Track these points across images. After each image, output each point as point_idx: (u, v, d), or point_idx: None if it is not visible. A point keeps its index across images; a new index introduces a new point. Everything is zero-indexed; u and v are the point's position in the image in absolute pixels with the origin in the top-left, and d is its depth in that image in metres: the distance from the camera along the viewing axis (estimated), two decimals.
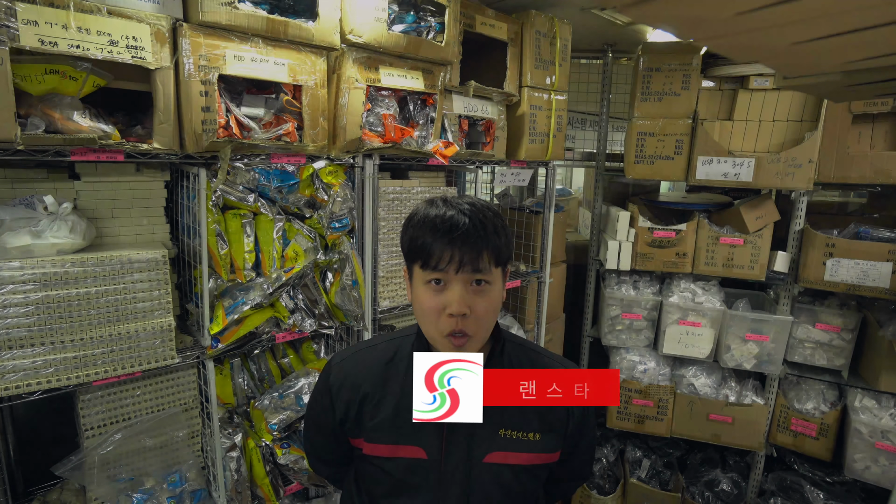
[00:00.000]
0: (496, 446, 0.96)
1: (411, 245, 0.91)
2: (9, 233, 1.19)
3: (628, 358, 2.66)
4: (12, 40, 1.06)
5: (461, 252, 0.86)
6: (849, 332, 2.32)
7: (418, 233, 0.89)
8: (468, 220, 0.88)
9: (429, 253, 0.87)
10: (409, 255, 0.92)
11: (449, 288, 0.88)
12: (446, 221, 0.88)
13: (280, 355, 1.89)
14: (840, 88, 1.15)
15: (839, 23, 0.60)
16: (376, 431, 0.97)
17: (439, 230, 0.87)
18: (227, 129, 1.41)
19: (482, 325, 0.91)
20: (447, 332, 0.89)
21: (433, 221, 0.89)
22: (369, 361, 1.02)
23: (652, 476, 2.75)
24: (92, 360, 1.29)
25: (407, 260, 0.94)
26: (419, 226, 0.90)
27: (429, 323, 0.91)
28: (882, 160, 2.18)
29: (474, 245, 0.87)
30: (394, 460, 0.96)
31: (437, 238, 0.87)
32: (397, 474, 0.96)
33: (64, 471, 1.36)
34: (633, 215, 2.50)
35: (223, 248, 1.47)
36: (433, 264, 0.87)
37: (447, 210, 0.90)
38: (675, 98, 2.37)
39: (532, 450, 0.98)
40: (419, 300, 0.91)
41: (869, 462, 2.23)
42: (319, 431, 1.08)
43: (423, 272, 0.89)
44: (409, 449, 0.95)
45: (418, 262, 0.90)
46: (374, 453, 0.97)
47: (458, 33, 1.78)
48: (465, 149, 1.99)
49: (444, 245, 0.86)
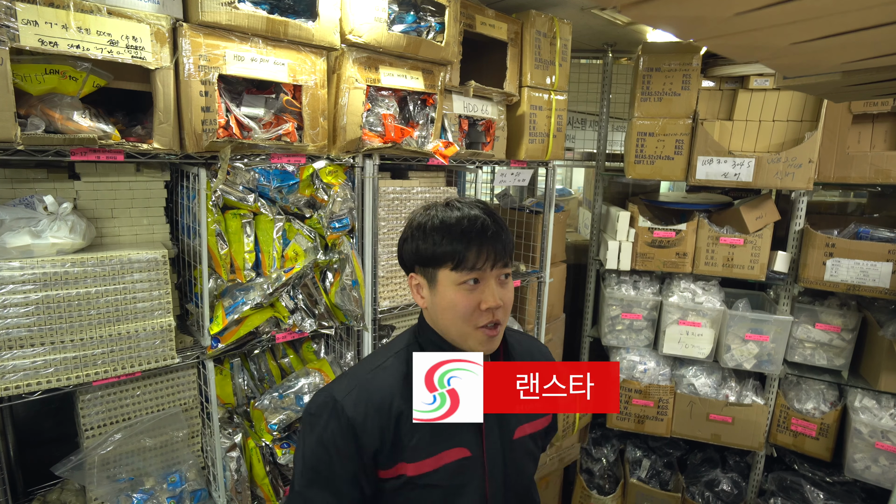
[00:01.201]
0: (520, 420, 1.02)
1: (437, 250, 0.91)
2: (9, 233, 1.19)
3: (628, 358, 2.66)
4: (12, 40, 1.06)
5: (494, 250, 0.90)
6: (849, 332, 2.32)
7: (443, 237, 0.90)
8: (489, 218, 0.92)
9: (463, 256, 0.89)
10: (433, 260, 0.92)
11: (485, 284, 0.91)
12: (475, 222, 0.90)
13: (280, 355, 1.89)
14: (840, 88, 1.15)
15: (839, 23, 0.60)
16: (419, 448, 0.93)
17: (471, 231, 0.89)
18: (227, 129, 1.41)
19: (507, 313, 0.96)
20: (482, 325, 0.92)
21: (460, 223, 0.90)
22: (388, 380, 0.95)
23: (652, 476, 2.75)
24: (92, 360, 1.29)
25: (427, 265, 0.93)
26: (442, 230, 0.91)
27: (463, 321, 0.92)
28: (882, 160, 2.18)
29: (502, 242, 0.91)
30: (441, 469, 0.94)
31: (472, 240, 0.89)
32: (445, 481, 0.94)
33: (64, 471, 1.36)
34: (633, 215, 2.50)
35: (223, 248, 1.47)
36: (470, 265, 0.89)
37: (469, 211, 0.92)
38: (675, 98, 2.37)
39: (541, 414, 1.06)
40: (451, 302, 0.91)
41: (869, 462, 2.23)
42: (329, 484, 0.92)
43: (455, 274, 0.90)
44: (454, 452, 0.95)
45: (447, 266, 0.90)
46: (421, 471, 0.93)
47: (458, 33, 1.78)
48: (465, 149, 1.99)
49: (479, 246, 0.89)
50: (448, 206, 0.94)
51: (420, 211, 0.96)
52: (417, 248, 0.94)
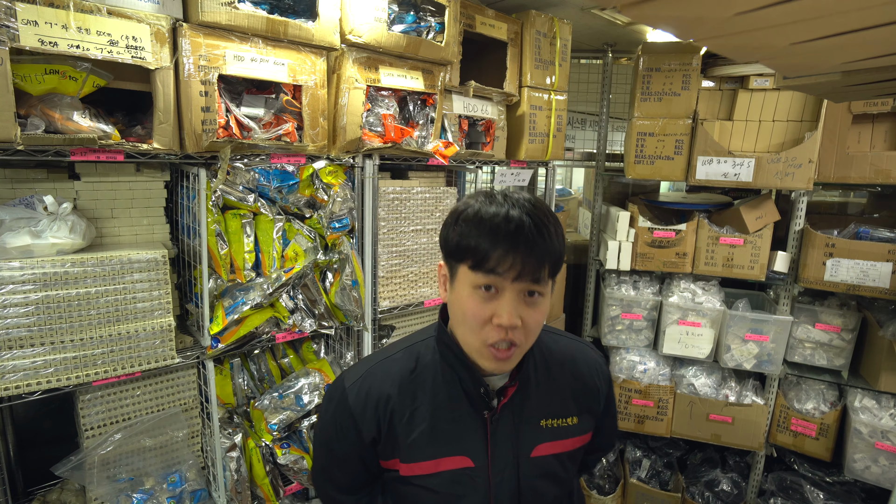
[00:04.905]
0: (541, 438, 0.92)
1: (461, 242, 0.80)
2: (9, 233, 1.19)
3: (628, 358, 2.66)
4: (12, 40, 1.06)
5: (524, 260, 0.77)
6: (849, 332, 2.32)
7: (472, 230, 0.79)
8: (532, 223, 0.77)
9: (485, 255, 0.77)
10: (456, 252, 0.82)
11: (502, 296, 0.79)
12: (511, 222, 0.77)
13: (280, 355, 1.89)
14: (840, 88, 1.15)
15: (839, 23, 0.60)
16: (414, 449, 0.89)
17: (501, 231, 0.77)
18: (227, 129, 1.41)
19: (531, 337, 0.83)
20: (491, 342, 0.81)
21: (493, 219, 0.78)
22: (391, 374, 0.92)
23: (652, 476, 2.75)
24: (92, 360, 1.29)
25: (451, 257, 0.84)
26: (474, 222, 0.79)
27: (470, 331, 0.83)
28: (882, 160, 2.18)
29: (538, 253, 0.77)
30: (438, 475, 0.89)
31: (498, 240, 0.77)
32: (444, 489, 0.89)
33: (64, 471, 1.36)
34: (633, 215, 2.49)
35: (223, 248, 1.47)
36: (488, 268, 0.78)
37: (510, 209, 0.79)
38: (675, 98, 2.37)
39: (572, 434, 0.95)
40: (462, 304, 0.82)
41: (869, 462, 2.23)
42: (343, 465, 0.95)
43: (472, 274, 0.80)
44: (454, 460, 0.89)
45: (467, 263, 0.80)
46: (415, 472, 0.89)
47: (458, 33, 1.78)
48: (465, 149, 1.99)
49: (505, 249, 0.77)
50: (491, 197, 0.82)
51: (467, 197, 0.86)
52: (447, 236, 0.85)
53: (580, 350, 1.04)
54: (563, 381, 0.98)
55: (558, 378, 0.98)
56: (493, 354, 0.82)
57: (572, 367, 1.00)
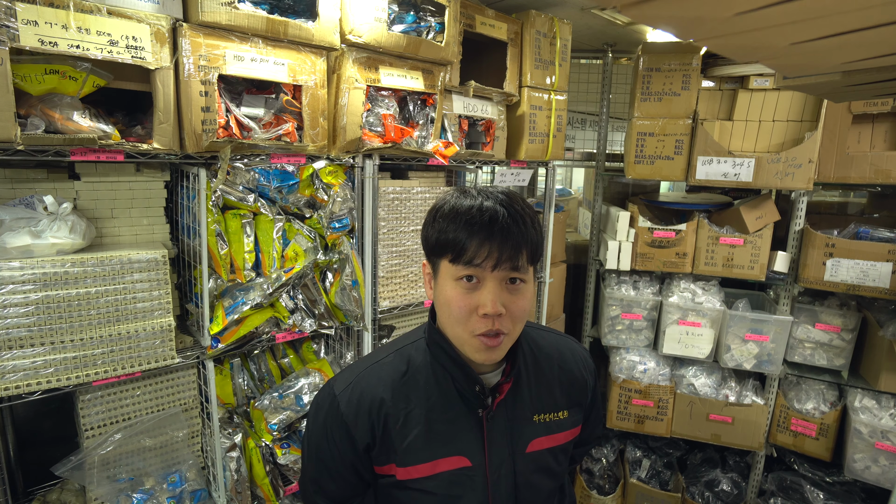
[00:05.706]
0: (536, 433, 0.94)
1: (440, 238, 0.82)
2: (9, 233, 1.19)
3: (628, 358, 2.66)
4: (12, 40, 1.06)
5: (500, 248, 0.78)
6: (849, 332, 2.32)
7: (449, 224, 0.81)
8: (507, 212, 0.80)
9: (462, 247, 0.79)
10: (437, 248, 0.84)
11: (483, 286, 0.81)
12: (484, 213, 0.79)
13: (280, 355, 1.89)
14: (840, 88, 1.15)
15: (839, 23, 0.60)
16: (410, 453, 0.88)
17: (476, 222, 0.79)
18: (227, 129, 1.41)
19: (518, 325, 0.85)
20: (480, 333, 0.82)
21: (468, 212, 0.80)
22: (383, 377, 0.92)
23: (652, 476, 2.75)
24: (92, 361, 1.29)
25: (432, 255, 0.87)
26: (450, 216, 0.81)
27: (457, 323, 0.84)
28: (882, 160, 2.18)
29: (514, 240, 0.79)
30: (436, 477, 0.89)
31: (474, 231, 0.79)
32: (442, 490, 0.89)
33: (64, 471, 1.36)
34: (633, 215, 2.50)
35: (223, 248, 1.47)
36: (467, 259, 0.79)
37: (484, 200, 0.81)
38: (675, 98, 2.37)
39: (563, 428, 0.97)
40: (447, 298, 0.83)
41: (869, 462, 2.23)
42: (335, 475, 0.94)
43: (453, 267, 0.81)
44: (451, 461, 0.89)
45: (447, 257, 0.82)
46: (412, 476, 0.89)
47: (458, 33, 1.78)
48: (465, 149, 1.99)
49: (481, 239, 0.78)
50: (465, 192, 0.85)
51: (443, 195, 0.89)
52: (427, 234, 0.87)
53: (566, 344, 1.06)
54: (552, 376, 0.99)
55: (548, 373, 0.99)
56: (482, 344, 0.83)
57: (560, 362, 1.01)
